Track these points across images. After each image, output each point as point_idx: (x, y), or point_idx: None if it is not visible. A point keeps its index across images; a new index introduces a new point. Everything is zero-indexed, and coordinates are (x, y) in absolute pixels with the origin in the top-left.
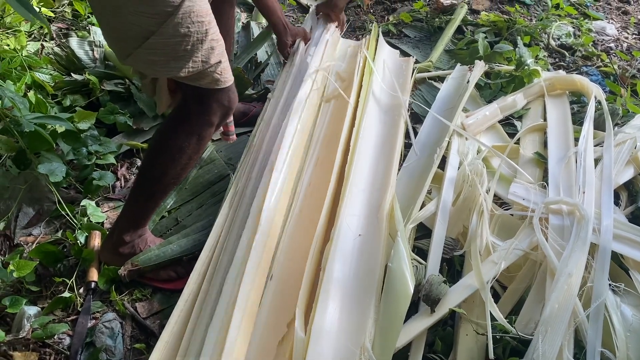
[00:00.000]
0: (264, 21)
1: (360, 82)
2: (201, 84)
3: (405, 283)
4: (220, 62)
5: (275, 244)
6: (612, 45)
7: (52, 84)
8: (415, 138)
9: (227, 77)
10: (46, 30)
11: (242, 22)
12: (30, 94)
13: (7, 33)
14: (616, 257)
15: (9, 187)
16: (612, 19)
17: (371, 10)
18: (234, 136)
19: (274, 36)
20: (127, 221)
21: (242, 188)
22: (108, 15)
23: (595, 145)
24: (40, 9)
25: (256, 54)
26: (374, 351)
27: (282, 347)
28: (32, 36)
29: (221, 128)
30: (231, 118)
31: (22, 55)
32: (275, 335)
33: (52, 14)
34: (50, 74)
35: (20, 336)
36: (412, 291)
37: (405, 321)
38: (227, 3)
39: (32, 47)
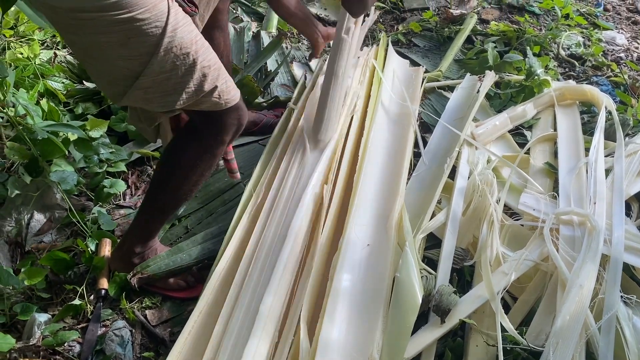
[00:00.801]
0: (274, 30)
1: (369, 91)
2: (202, 108)
3: (414, 293)
4: (215, 87)
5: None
6: (622, 55)
7: (64, 92)
8: (424, 148)
9: (228, 98)
10: (59, 39)
11: (252, 32)
12: (43, 101)
13: (21, 41)
14: (628, 269)
15: (20, 194)
16: (622, 28)
17: (380, 20)
18: (238, 174)
19: (283, 45)
20: (138, 234)
21: (271, 206)
22: (94, 62)
23: (606, 156)
24: None
25: (266, 63)
26: None
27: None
28: (45, 44)
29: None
30: (232, 155)
31: (35, 63)
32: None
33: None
34: (63, 82)
35: (31, 343)
36: (421, 302)
37: (414, 332)
38: (216, 29)
39: (45, 55)
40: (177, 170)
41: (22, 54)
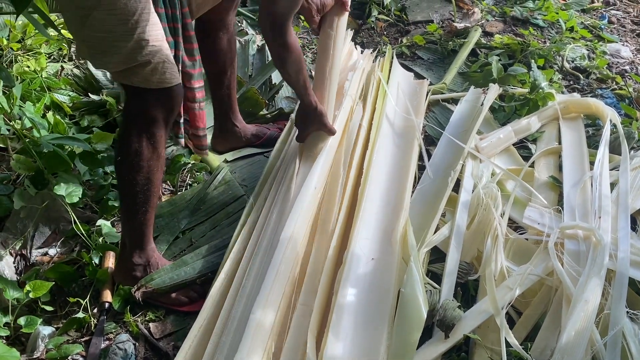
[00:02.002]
0: None
1: (374, 103)
2: (132, 81)
3: (419, 308)
4: (149, 62)
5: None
6: (627, 67)
7: (70, 105)
8: (429, 161)
9: (161, 79)
10: (65, 52)
11: (257, 45)
12: (49, 114)
13: (28, 55)
14: (634, 284)
15: (26, 206)
16: (626, 41)
17: (385, 32)
18: (207, 151)
19: None
20: (130, 243)
21: (266, 216)
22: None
23: (611, 170)
24: (59, 32)
25: (271, 76)
26: None
27: None
28: (52, 57)
29: (193, 142)
30: (205, 132)
31: (41, 76)
32: None
33: (70, 36)
34: (69, 95)
35: (35, 356)
36: (426, 317)
37: (419, 347)
38: (220, 29)
39: (52, 68)
40: (125, 162)
41: (29, 67)
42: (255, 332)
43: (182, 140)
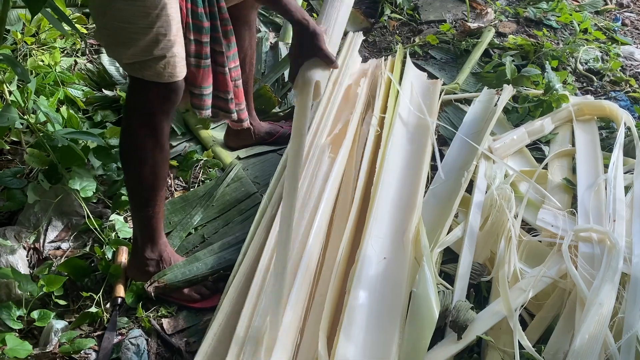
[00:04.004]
0: (290, 41)
1: (385, 103)
2: (144, 75)
3: (431, 309)
4: (164, 56)
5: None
6: None
7: (84, 100)
8: (441, 161)
9: (172, 72)
10: (79, 46)
11: (270, 42)
12: (63, 109)
13: (43, 49)
14: None
15: (39, 200)
16: None
17: (397, 32)
18: (209, 111)
19: None
20: (141, 237)
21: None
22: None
23: (625, 173)
24: (74, 27)
25: (283, 74)
26: None
27: None
28: (66, 52)
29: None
30: (243, 106)
31: (55, 71)
32: None
33: (85, 31)
34: (82, 90)
35: (48, 350)
36: (438, 317)
37: (431, 347)
38: (243, 25)
39: (66, 62)
40: (130, 155)
41: (43, 61)
42: (286, 335)
43: (235, 115)
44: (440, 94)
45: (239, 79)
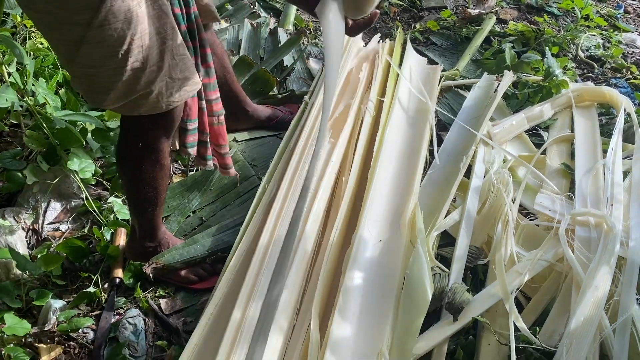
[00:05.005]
0: (291, 27)
1: (383, 87)
2: (140, 112)
3: (424, 291)
4: (151, 91)
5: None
6: None
7: None
8: (440, 146)
9: (170, 101)
10: None
11: (270, 28)
12: (62, 91)
13: (40, 32)
14: None
15: (38, 182)
16: None
17: (398, 18)
18: (211, 162)
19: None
20: (140, 232)
21: (283, 198)
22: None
23: (624, 158)
24: None
25: (283, 60)
26: (390, 357)
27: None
28: None
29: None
30: (227, 149)
31: (54, 54)
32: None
33: None
34: None
35: (46, 329)
36: (431, 299)
37: (427, 328)
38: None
39: None
40: (127, 175)
41: (42, 44)
42: (283, 314)
43: (211, 162)
44: (440, 80)
45: (221, 113)
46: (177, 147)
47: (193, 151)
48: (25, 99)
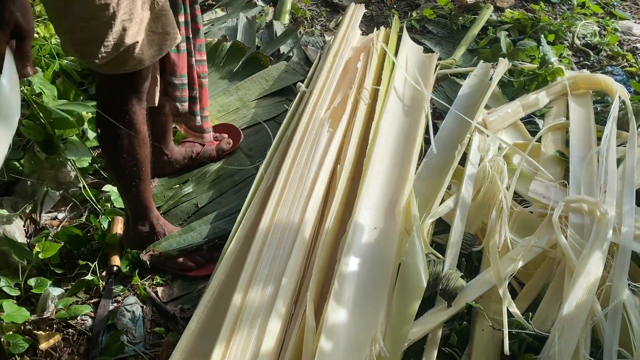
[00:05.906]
0: (286, 21)
1: (378, 75)
2: (126, 69)
3: (419, 278)
4: (137, 42)
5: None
6: (638, 45)
7: (79, 72)
8: (435, 134)
9: (152, 53)
10: None
11: (267, 21)
12: (58, 81)
13: (37, 22)
14: (636, 257)
15: (35, 171)
16: (639, 18)
17: (394, 6)
18: (199, 117)
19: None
20: (132, 214)
21: (281, 187)
22: None
23: (618, 146)
24: None
25: (279, 49)
26: (385, 342)
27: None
28: None
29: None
30: (207, 112)
31: (51, 43)
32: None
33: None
34: (78, 62)
35: (45, 316)
36: (426, 287)
37: (422, 314)
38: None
39: None
40: (105, 144)
41: (38, 33)
42: (283, 300)
43: (199, 118)
44: (436, 68)
45: (205, 76)
46: (156, 104)
47: (183, 106)
48: (21, 89)
